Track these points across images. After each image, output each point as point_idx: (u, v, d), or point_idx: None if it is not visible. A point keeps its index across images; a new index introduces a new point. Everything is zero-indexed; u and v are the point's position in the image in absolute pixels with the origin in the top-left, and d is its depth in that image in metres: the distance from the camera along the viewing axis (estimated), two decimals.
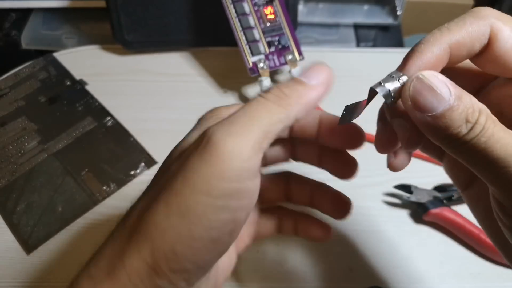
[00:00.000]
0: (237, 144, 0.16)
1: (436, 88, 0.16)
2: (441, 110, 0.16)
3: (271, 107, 0.18)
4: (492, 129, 0.16)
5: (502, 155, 0.15)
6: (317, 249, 0.35)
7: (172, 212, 0.17)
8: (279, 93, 0.18)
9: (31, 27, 0.54)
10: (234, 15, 0.43)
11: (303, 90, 0.19)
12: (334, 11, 0.53)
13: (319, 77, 0.19)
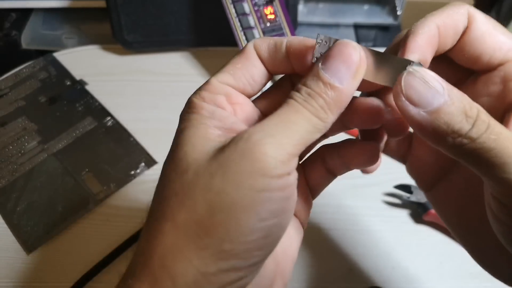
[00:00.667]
0: (277, 145, 0.16)
1: (429, 81, 0.16)
2: (436, 105, 0.16)
3: (309, 117, 0.17)
4: (500, 127, 0.16)
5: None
6: (317, 249, 0.35)
7: (216, 210, 0.16)
8: (316, 104, 0.17)
9: (31, 27, 0.54)
10: (234, 15, 0.43)
11: (337, 97, 0.17)
12: (334, 11, 0.53)
13: (349, 71, 0.17)
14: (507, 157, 0.15)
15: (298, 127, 0.17)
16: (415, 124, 0.17)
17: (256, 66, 0.20)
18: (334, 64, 0.17)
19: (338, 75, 0.17)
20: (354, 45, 0.17)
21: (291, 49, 0.20)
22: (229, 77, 0.20)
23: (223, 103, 0.19)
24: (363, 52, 0.18)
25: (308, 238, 0.36)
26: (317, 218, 0.36)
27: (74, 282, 0.33)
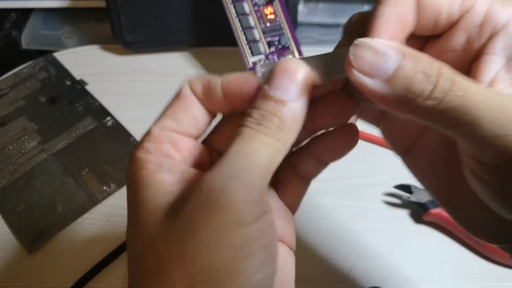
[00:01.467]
0: (243, 186, 0.15)
1: (377, 48, 0.15)
2: (391, 71, 0.15)
3: (268, 141, 0.16)
4: (467, 82, 0.14)
5: (484, 109, 0.14)
6: (317, 249, 0.35)
7: (197, 283, 0.14)
8: (271, 125, 0.16)
9: (31, 27, 0.54)
10: (234, 15, 0.43)
11: (291, 114, 0.16)
12: (334, 11, 0.53)
13: (296, 85, 0.17)
14: (478, 112, 0.14)
15: (260, 156, 0.16)
16: (376, 97, 0.15)
17: (196, 106, 0.19)
18: (280, 82, 0.17)
19: (287, 91, 0.17)
20: (295, 60, 0.17)
21: (228, 89, 0.18)
22: (171, 122, 0.19)
23: (170, 152, 0.18)
24: (304, 64, 0.17)
25: (308, 238, 0.36)
26: (317, 218, 0.36)
27: (74, 282, 0.33)
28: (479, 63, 0.17)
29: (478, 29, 0.18)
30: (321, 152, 0.21)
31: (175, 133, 0.18)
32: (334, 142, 0.20)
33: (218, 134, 0.20)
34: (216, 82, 0.18)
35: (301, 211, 0.37)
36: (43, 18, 0.55)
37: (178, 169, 0.18)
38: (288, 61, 0.17)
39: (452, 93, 0.14)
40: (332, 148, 0.21)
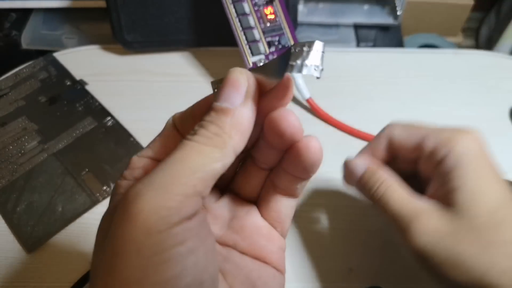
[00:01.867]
0: (157, 192, 0.14)
1: (354, 164, 0.29)
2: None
3: (203, 149, 0.16)
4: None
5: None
6: (316, 249, 0.35)
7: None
8: (207, 133, 0.16)
9: (31, 27, 0.54)
10: (234, 15, 0.43)
11: (231, 120, 0.16)
12: (334, 11, 0.53)
13: (238, 92, 0.17)
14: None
15: (188, 162, 0.15)
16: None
17: (173, 135, 0.19)
18: (223, 92, 0.17)
19: (229, 99, 0.17)
20: (240, 69, 0.17)
21: (196, 115, 0.18)
22: (149, 150, 0.19)
23: (141, 175, 0.18)
24: (250, 74, 0.17)
25: (308, 238, 0.36)
26: (317, 218, 0.36)
27: (73, 282, 0.33)
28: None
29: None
30: (289, 168, 0.20)
31: (150, 159, 0.19)
32: (299, 158, 0.19)
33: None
34: (192, 111, 0.19)
35: (302, 212, 0.37)
36: (43, 18, 0.55)
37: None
38: (231, 71, 0.17)
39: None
40: (295, 163, 0.19)
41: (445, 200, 0.24)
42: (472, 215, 0.23)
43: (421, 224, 0.24)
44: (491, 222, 0.22)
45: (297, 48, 0.17)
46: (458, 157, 0.24)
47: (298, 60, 0.16)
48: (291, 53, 0.16)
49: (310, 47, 0.16)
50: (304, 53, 0.16)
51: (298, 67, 0.16)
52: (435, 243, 0.23)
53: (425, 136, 0.26)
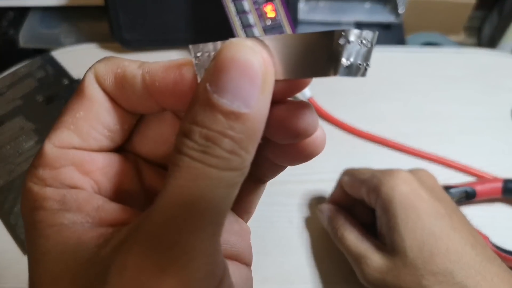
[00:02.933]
0: (180, 274, 0.11)
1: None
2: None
3: (216, 175, 0.11)
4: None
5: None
6: (318, 250, 0.34)
7: None
8: (221, 152, 0.11)
9: (29, 25, 0.53)
10: (234, 13, 0.42)
11: (247, 128, 0.12)
12: (335, 9, 0.52)
13: (254, 85, 0.12)
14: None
15: (206, 209, 0.11)
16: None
17: (106, 108, 0.14)
18: (230, 82, 0.11)
19: (241, 96, 0.11)
20: (248, 44, 0.12)
21: (152, 85, 0.13)
22: (70, 135, 0.13)
23: (75, 179, 0.13)
24: (264, 50, 0.12)
25: (310, 239, 0.35)
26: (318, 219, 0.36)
27: None
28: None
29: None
30: (278, 158, 0.16)
31: (78, 150, 0.13)
32: (294, 150, 0.15)
33: (142, 136, 0.15)
34: (135, 74, 0.14)
35: (305, 213, 0.37)
36: (41, 17, 0.54)
37: (91, 205, 0.13)
38: (236, 46, 0.12)
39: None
40: (291, 155, 0.15)
41: (384, 238, 0.28)
42: (403, 253, 0.26)
43: (367, 262, 0.28)
44: (421, 257, 0.26)
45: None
46: (385, 202, 0.28)
47: (351, 57, 0.11)
48: (339, 44, 0.11)
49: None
50: (352, 47, 0.11)
51: (353, 68, 0.11)
52: (381, 278, 0.27)
53: (362, 183, 0.30)
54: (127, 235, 0.12)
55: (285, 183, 0.38)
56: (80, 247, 0.12)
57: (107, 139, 0.14)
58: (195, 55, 0.13)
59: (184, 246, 0.11)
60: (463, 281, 0.24)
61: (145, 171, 0.16)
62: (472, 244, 0.26)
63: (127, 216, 0.13)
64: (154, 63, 0.14)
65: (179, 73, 0.13)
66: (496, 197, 0.36)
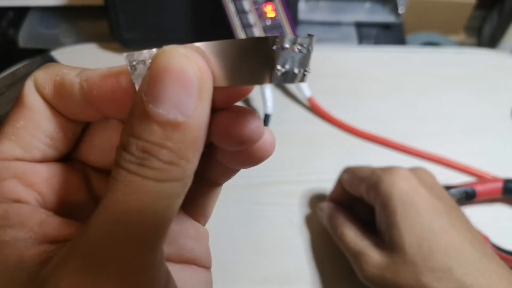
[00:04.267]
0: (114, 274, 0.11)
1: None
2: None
3: (153, 188, 0.11)
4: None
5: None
6: (318, 250, 0.34)
7: None
8: (159, 164, 0.11)
9: (29, 25, 0.53)
10: (234, 13, 0.42)
11: (185, 136, 0.11)
12: (335, 9, 0.52)
13: (190, 93, 0.11)
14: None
15: (144, 223, 0.11)
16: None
17: (47, 117, 0.13)
18: (164, 91, 0.11)
19: (177, 105, 0.11)
20: (181, 51, 0.11)
21: (90, 93, 0.13)
22: (11, 145, 0.13)
23: (17, 191, 0.13)
24: (199, 57, 0.12)
25: (310, 239, 0.35)
26: (318, 219, 0.36)
27: None
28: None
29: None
30: (229, 162, 0.15)
31: (21, 162, 0.13)
32: (243, 154, 0.15)
33: (89, 144, 0.15)
34: (73, 82, 0.13)
35: (305, 213, 0.36)
36: (40, 17, 0.54)
37: (34, 220, 0.12)
38: (169, 54, 0.11)
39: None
40: (241, 159, 0.15)
41: (384, 235, 0.28)
42: (402, 250, 0.26)
43: (366, 259, 0.28)
44: (419, 254, 0.26)
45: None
46: (384, 199, 0.28)
47: (287, 64, 0.11)
48: (273, 51, 0.11)
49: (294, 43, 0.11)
50: (293, 53, 0.11)
51: (289, 75, 0.11)
52: (379, 275, 0.27)
53: (361, 180, 0.30)
54: (66, 253, 0.11)
55: (285, 183, 0.38)
56: (21, 266, 0.11)
57: (50, 148, 0.14)
58: (131, 63, 0.13)
59: (120, 263, 0.11)
60: (462, 277, 0.24)
61: (94, 180, 0.15)
62: (471, 241, 0.26)
63: (71, 231, 0.12)
64: (93, 70, 0.13)
65: (117, 82, 0.13)
66: (497, 197, 0.36)
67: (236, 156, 0.15)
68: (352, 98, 0.45)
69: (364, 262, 0.28)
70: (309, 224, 0.36)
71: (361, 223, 0.31)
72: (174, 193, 0.11)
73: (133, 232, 0.11)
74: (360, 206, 0.32)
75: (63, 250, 0.11)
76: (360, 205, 0.32)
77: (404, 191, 0.28)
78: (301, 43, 0.12)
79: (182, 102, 0.11)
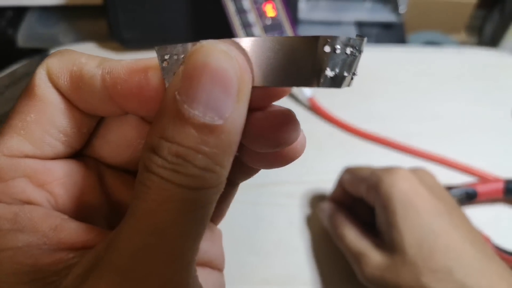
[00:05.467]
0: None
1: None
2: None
3: (189, 197, 0.10)
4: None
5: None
6: (318, 251, 0.34)
7: None
8: (195, 170, 0.10)
9: (27, 25, 0.53)
10: (234, 13, 0.42)
11: (221, 140, 0.10)
12: (336, 8, 0.52)
13: (228, 95, 0.10)
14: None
15: (180, 236, 0.10)
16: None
17: (61, 110, 0.12)
18: (201, 91, 0.10)
19: (214, 107, 0.10)
20: (222, 48, 0.10)
21: (113, 87, 0.12)
22: (21, 141, 0.11)
23: (28, 192, 0.11)
24: (240, 55, 0.11)
25: (310, 239, 0.35)
26: (318, 219, 0.36)
27: None
28: None
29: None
30: (254, 163, 0.15)
31: (31, 159, 0.12)
32: (273, 155, 0.14)
33: (104, 140, 0.14)
34: (93, 74, 0.12)
35: (306, 213, 0.36)
36: (39, 16, 0.54)
37: (48, 225, 0.11)
38: (208, 50, 0.10)
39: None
40: (269, 160, 0.14)
41: (384, 235, 0.28)
42: (402, 250, 0.26)
43: (366, 260, 0.28)
44: (420, 255, 0.25)
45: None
46: (384, 199, 0.27)
47: (337, 68, 0.10)
48: (324, 53, 0.10)
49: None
50: (336, 56, 0.10)
51: (338, 79, 0.10)
52: (379, 276, 0.27)
53: (361, 180, 0.30)
54: (93, 264, 0.10)
55: (285, 184, 0.38)
56: (37, 276, 0.10)
57: (63, 145, 0.12)
58: (162, 58, 0.12)
59: (160, 279, 0.10)
60: (462, 278, 0.24)
61: (107, 178, 0.14)
62: (471, 241, 0.26)
63: (89, 237, 0.11)
64: (116, 62, 0.12)
65: (145, 77, 0.12)
66: (498, 198, 0.36)
67: (264, 157, 0.14)
68: (353, 97, 0.45)
69: (364, 263, 0.28)
70: (310, 225, 0.36)
71: (362, 224, 0.31)
72: (209, 201, 0.11)
73: (171, 245, 0.10)
74: (361, 206, 0.32)
75: (87, 260, 0.10)
76: (361, 205, 0.32)
77: (404, 192, 0.27)
78: (353, 45, 0.11)
79: (220, 103, 0.10)
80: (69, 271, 0.10)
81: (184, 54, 0.11)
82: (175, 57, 0.11)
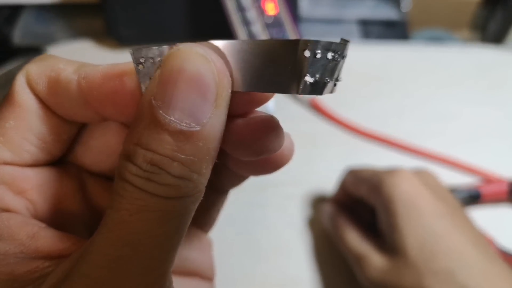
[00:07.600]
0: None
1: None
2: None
3: (163, 207, 0.10)
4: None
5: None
6: (319, 253, 0.34)
7: None
8: (170, 179, 0.10)
9: (24, 23, 0.53)
10: (234, 10, 0.41)
11: (199, 147, 0.10)
12: (338, 6, 0.51)
13: (206, 100, 0.10)
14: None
15: (154, 247, 0.10)
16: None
17: (40, 116, 0.12)
18: (178, 96, 0.10)
19: (191, 113, 0.10)
20: (199, 51, 0.10)
21: (90, 93, 0.11)
22: (0, 148, 0.11)
23: (6, 199, 0.11)
24: (218, 58, 0.10)
25: (311, 241, 0.34)
26: (319, 221, 0.35)
27: None
28: None
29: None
30: (240, 170, 0.14)
31: (10, 166, 0.12)
32: (258, 162, 0.13)
33: (85, 146, 0.14)
34: (70, 79, 0.12)
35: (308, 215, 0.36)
36: (36, 14, 0.53)
37: (25, 233, 0.11)
38: (185, 54, 0.10)
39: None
40: (255, 168, 0.14)
41: (385, 237, 0.27)
42: (404, 252, 0.26)
43: (367, 262, 0.27)
44: (421, 257, 0.25)
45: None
46: (385, 201, 0.27)
47: (317, 74, 0.10)
48: (304, 58, 0.09)
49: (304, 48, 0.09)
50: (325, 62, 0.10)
51: (319, 85, 0.10)
52: (381, 278, 0.26)
53: (363, 182, 0.30)
54: (67, 275, 0.10)
55: (286, 185, 0.37)
56: (12, 285, 0.10)
57: (42, 152, 0.12)
58: (137, 61, 0.11)
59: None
60: (464, 280, 0.24)
61: (90, 185, 0.14)
62: (474, 243, 0.25)
63: (66, 246, 0.11)
64: (93, 67, 0.12)
65: (120, 82, 0.12)
66: (502, 199, 0.35)
67: (249, 164, 0.13)
68: (355, 96, 0.44)
69: (365, 265, 0.27)
70: (310, 226, 0.35)
71: (363, 226, 0.30)
72: (186, 211, 0.10)
73: (144, 256, 0.10)
74: (362, 208, 0.31)
75: (61, 269, 0.10)
76: (362, 207, 0.31)
77: (406, 193, 0.27)
78: (335, 50, 0.10)
79: (197, 109, 0.10)
80: (44, 280, 0.10)
81: (160, 58, 0.11)
82: (151, 61, 0.11)
